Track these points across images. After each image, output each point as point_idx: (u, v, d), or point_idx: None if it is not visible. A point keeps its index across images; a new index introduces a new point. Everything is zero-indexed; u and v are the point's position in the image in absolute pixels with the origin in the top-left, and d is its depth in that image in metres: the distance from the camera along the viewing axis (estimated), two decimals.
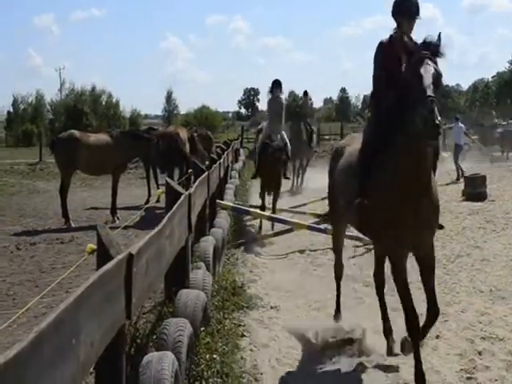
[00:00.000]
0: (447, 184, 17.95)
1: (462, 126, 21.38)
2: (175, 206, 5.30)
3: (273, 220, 10.81)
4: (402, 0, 5.11)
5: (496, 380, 4.96)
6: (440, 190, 16.54)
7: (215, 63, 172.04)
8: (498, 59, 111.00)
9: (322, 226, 10.46)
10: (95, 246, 3.42)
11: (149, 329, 5.28)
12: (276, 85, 12.42)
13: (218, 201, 10.12)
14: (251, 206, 13.14)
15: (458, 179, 18.82)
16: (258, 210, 11.47)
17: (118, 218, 12.60)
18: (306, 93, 21.11)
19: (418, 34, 5.01)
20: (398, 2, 5.14)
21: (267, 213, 11.20)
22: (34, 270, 8.67)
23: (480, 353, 5.48)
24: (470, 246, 9.88)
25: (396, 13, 5.15)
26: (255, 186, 19.47)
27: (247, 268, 8.63)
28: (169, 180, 6.41)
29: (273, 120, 12.34)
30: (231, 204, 10.74)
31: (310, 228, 10.29)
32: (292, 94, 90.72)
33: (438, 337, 5.90)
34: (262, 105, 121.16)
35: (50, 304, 6.17)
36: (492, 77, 71.12)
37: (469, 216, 12.88)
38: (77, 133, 13.11)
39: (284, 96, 13.09)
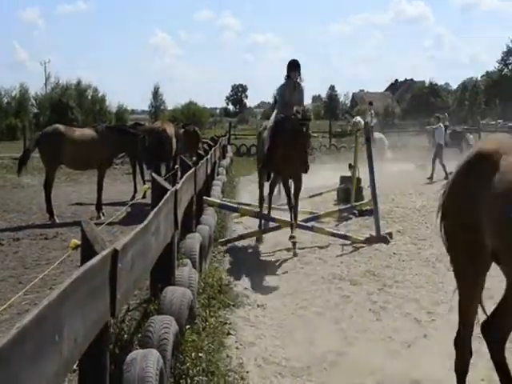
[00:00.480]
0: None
1: (442, 126, 21.24)
2: (161, 202, 5.27)
3: (260, 217, 10.79)
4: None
5: (483, 380, 4.98)
6: (427, 189, 16.60)
7: (203, 59, 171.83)
8: (488, 59, 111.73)
9: (310, 224, 10.49)
10: (79, 242, 3.39)
11: (134, 326, 5.25)
12: (294, 67, 10.12)
13: (204, 197, 10.10)
14: (239, 203, 13.14)
15: (431, 178, 19.22)
16: (246, 207, 11.45)
17: (104, 214, 12.54)
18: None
19: (410, 32, 5.06)
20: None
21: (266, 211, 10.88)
22: (17, 265, 8.60)
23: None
24: None
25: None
26: (243, 182, 19.52)
27: (234, 266, 8.62)
28: (155, 176, 6.37)
29: (287, 106, 10.02)
30: (218, 201, 10.71)
31: (298, 226, 10.29)
32: None
33: (425, 336, 5.92)
34: (250, 101, 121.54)
35: (34, 300, 6.12)
36: (481, 76, 71.62)
37: None
38: (61, 127, 13.02)
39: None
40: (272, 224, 10.57)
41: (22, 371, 1.99)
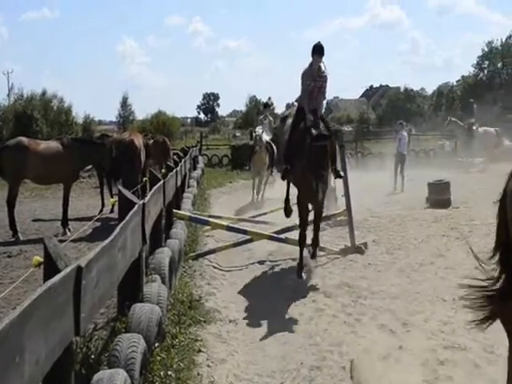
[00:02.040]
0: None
1: (405, 134, 20.98)
2: (128, 215, 5.29)
3: (231, 230, 10.82)
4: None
5: None
6: (404, 198, 16.78)
7: (173, 67, 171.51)
8: (463, 63, 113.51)
9: (283, 236, 10.54)
10: (42, 259, 3.40)
11: (101, 345, 5.25)
12: (317, 51, 9.01)
13: (174, 210, 10.11)
14: (210, 216, 13.16)
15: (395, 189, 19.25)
16: (217, 220, 11.48)
17: (70, 230, 12.47)
18: (266, 105, 21.81)
19: (385, 37, 5.23)
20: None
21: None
22: None
23: (442, 362, 5.61)
24: (433, 255, 10.07)
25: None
26: (215, 195, 19.55)
27: (205, 280, 8.64)
28: (122, 189, 6.38)
29: (312, 96, 9.10)
30: (188, 214, 10.73)
31: (271, 238, 10.35)
32: (253, 98, 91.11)
33: (401, 347, 6.00)
34: (222, 110, 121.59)
35: None
36: (457, 81, 72.53)
37: (433, 223, 13.13)
38: (25, 140, 12.90)
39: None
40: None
41: None
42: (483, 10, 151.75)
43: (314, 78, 9.02)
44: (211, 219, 11.55)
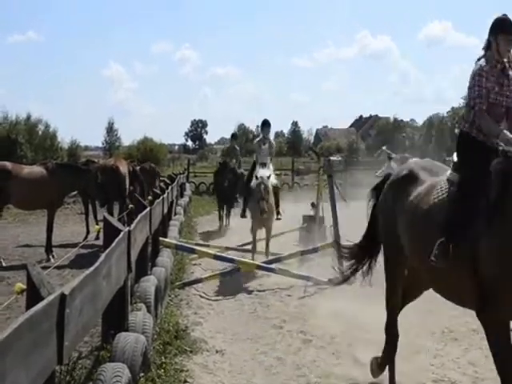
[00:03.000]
0: None
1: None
2: (113, 243, 5.27)
3: (218, 259, 10.78)
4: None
5: None
6: None
7: (161, 93, 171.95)
8: (454, 94, 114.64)
9: (273, 266, 10.52)
10: (25, 286, 3.37)
11: (85, 374, 5.19)
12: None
13: (161, 238, 10.08)
14: (197, 244, 13.13)
15: None
16: (204, 249, 11.45)
17: (54, 257, 12.39)
18: (233, 136, 21.18)
19: (374, 68, 5.25)
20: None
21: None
22: None
23: None
24: None
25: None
26: (202, 223, 19.52)
27: (192, 310, 8.59)
28: (107, 215, 6.36)
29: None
30: (175, 242, 10.70)
31: (259, 268, 10.32)
32: (242, 126, 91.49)
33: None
34: (210, 137, 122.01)
35: None
36: (447, 112, 73.28)
37: None
38: (9, 164, 12.87)
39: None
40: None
41: None
42: (473, 41, 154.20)
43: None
44: (198, 247, 11.51)
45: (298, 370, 6.35)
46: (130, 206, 9.51)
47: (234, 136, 21.04)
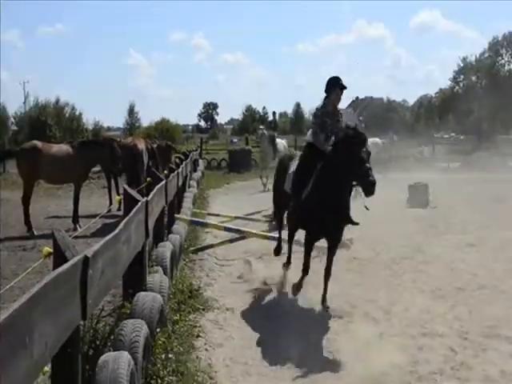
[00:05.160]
0: None
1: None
2: (132, 211, 5.26)
3: (229, 230, 10.67)
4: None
5: (435, 373, 5.05)
6: (386, 199, 16.75)
7: (176, 79, 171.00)
8: (442, 77, 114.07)
9: (276, 235, 10.45)
10: (52, 250, 3.36)
11: (107, 331, 5.21)
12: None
13: (176, 215, 10.02)
14: (209, 214, 13.13)
15: None
16: (214, 218, 11.41)
17: (80, 226, 12.39)
18: (274, 113, 24.60)
19: (370, 53, 5.24)
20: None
21: None
22: None
23: (421, 348, 5.59)
24: (413, 250, 10.06)
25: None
26: (213, 195, 19.52)
27: (204, 272, 8.60)
28: (126, 187, 6.34)
29: None
30: (188, 218, 10.63)
31: (266, 237, 10.28)
32: (249, 108, 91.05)
33: (381, 334, 5.97)
34: (221, 118, 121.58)
35: None
36: (435, 93, 72.65)
37: (413, 222, 13.11)
38: (39, 143, 12.84)
39: None
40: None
41: None
42: (461, 27, 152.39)
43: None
44: (210, 221, 11.44)
45: (300, 325, 6.35)
46: (148, 178, 9.46)
47: (274, 113, 24.78)
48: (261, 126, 22.37)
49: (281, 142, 21.91)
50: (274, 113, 25.11)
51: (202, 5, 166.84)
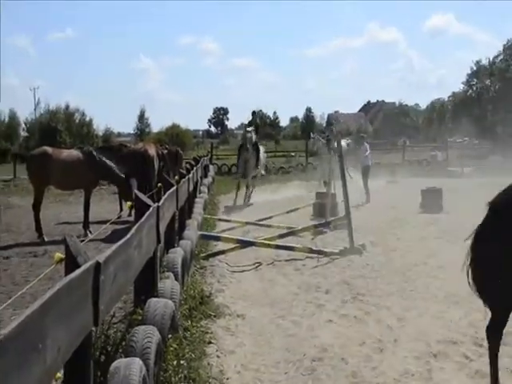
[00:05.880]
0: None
1: (367, 145, 19.65)
2: (144, 217, 5.28)
3: (241, 243, 10.62)
4: None
5: (450, 381, 5.02)
6: (399, 203, 16.64)
7: (186, 83, 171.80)
8: (455, 80, 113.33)
9: (290, 245, 10.44)
10: (63, 256, 3.38)
11: (119, 337, 5.22)
12: None
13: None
14: (219, 219, 13.16)
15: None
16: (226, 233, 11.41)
17: (91, 232, 12.45)
18: (253, 113, 21.76)
19: (383, 57, 5.23)
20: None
21: None
22: (6, 282, 8.51)
23: (435, 355, 5.55)
24: (426, 255, 10.01)
25: None
26: (224, 201, 19.54)
27: (215, 278, 8.61)
28: (137, 193, 6.37)
29: None
30: (199, 232, 10.55)
31: (278, 247, 10.26)
32: (260, 112, 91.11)
33: (395, 341, 5.95)
34: (231, 123, 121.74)
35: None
36: (448, 97, 72.39)
37: (426, 227, 13.07)
38: (49, 149, 12.93)
39: None
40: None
41: (5, 377, 1.99)
42: (474, 31, 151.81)
43: None
44: (223, 234, 11.38)
45: (312, 332, 6.34)
46: (159, 184, 9.49)
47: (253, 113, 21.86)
48: (248, 129, 19.73)
49: (262, 150, 20.10)
50: (253, 113, 21.81)
51: (210, 9, 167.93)
